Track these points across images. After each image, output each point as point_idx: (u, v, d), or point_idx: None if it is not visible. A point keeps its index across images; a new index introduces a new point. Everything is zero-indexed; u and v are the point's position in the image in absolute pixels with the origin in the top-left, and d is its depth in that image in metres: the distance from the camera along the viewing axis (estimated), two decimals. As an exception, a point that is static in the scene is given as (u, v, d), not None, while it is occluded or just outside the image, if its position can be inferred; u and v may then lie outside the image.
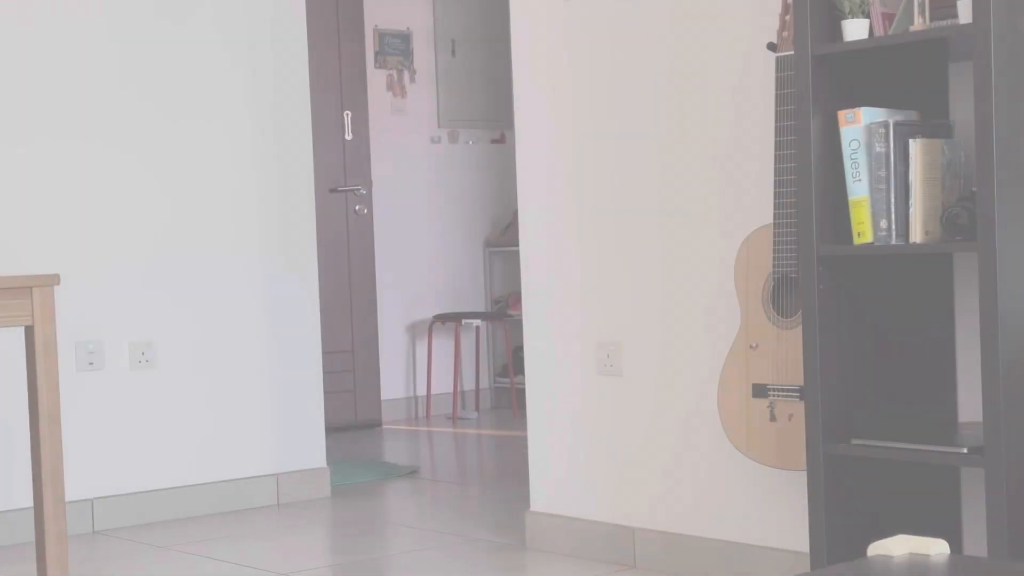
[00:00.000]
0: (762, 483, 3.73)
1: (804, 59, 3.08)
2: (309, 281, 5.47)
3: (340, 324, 7.46)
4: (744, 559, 3.77)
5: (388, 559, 4.33)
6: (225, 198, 5.26)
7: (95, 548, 4.65)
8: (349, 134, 7.48)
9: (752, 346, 3.47)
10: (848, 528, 3.14)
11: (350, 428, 7.43)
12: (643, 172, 4.00)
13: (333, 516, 5.09)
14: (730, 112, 3.77)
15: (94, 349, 4.95)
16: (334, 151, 7.46)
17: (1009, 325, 2.82)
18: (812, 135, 3.07)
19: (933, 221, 2.98)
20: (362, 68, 7.61)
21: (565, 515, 4.26)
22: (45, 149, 4.87)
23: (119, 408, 5.02)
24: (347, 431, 7.38)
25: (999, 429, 2.81)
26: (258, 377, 5.33)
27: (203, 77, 5.20)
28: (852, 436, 3.09)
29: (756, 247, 3.48)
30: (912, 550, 1.80)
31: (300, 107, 5.45)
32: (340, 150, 7.49)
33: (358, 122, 7.56)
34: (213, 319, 5.23)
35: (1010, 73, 2.83)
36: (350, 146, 7.52)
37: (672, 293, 3.94)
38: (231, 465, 5.25)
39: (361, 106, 7.59)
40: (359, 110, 7.58)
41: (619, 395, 4.10)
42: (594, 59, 4.11)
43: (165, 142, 5.12)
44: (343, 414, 7.42)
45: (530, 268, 4.36)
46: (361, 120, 7.58)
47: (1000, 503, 2.80)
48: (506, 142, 8.34)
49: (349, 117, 7.48)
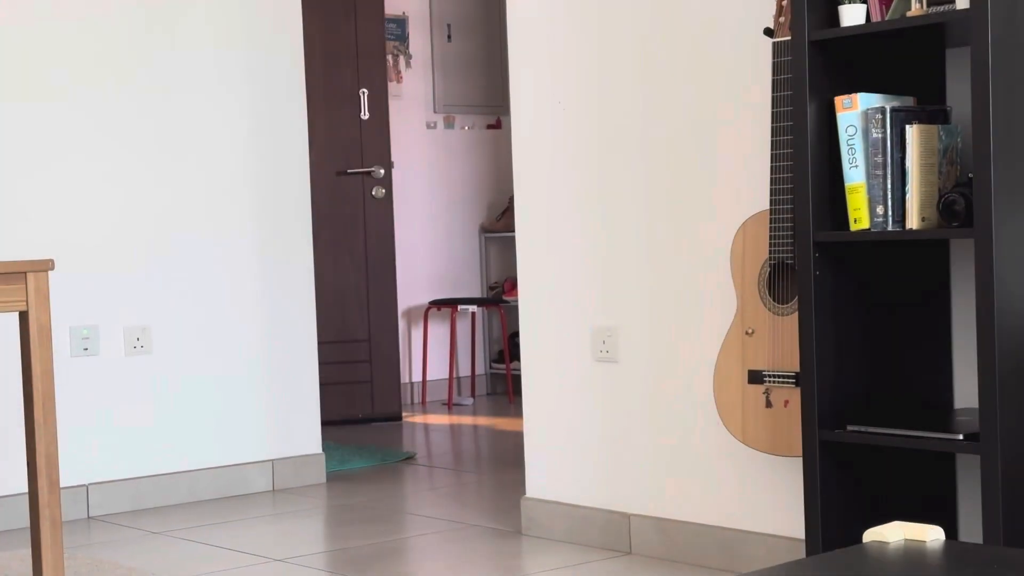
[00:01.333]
0: (758, 469, 3.73)
1: (801, 44, 3.08)
2: (304, 266, 5.46)
3: (355, 312, 7.13)
4: (739, 545, 3.77)
5: (383, 545, 4.33)
6: (220, 183, 5.24)
7: (90, 534, 4.65)
8: (365, 113, 7.14)
9: (748, 332, 3.47)
10: (843, 514, 3.14)
11: (367, 421, 7.08)
12: (640, 158, 3.99)
13: (328, 502, 5.09)
14: (727, 98, 3.76)
15: (89, 335, 4.95)
16: (351, 131, 7.12)
17: (1005, 312, 2.82)
18: (809, 121, 3.07)
19: (929, 207, 2.98)
20: (380, 45, 7.21)
21: (561, 501, 4.26)
22: (39, 134, 4.86)
23: (114, 394, 5.01)
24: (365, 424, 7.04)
25: (995, 416, 2.80)
26: (253, 363, 5.32)
27: (197, 60, 5.19)
28: (848, 422, 3.09)
29: (752, 233, 3.48)
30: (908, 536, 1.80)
31: (295, 89, 5.43)
32: (356, 129, 7.13)
33: (375, 101, 7.17)
34: (208, 305, 5.22)
35: (1007, 59, 2.82)
36: (366, 126, 7.16)
37: (668, 279, 3.94)
38: (226, 451, 5.25)
39: (380, 84, 7.19)
40: (377, 88, 7.18)
41: (615, 381, 4.09)
42: (590, 45, 4.10)
43: (159, 127, 5.11)
44: (359, 406, 7.08)
45: (526, 254, 4.35)
46: (379, 99, 7.19)
47: (995, 489, 2.80)
48: (502, 128, 8.33)
49: (365, 96, 7.14)
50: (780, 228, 3.34)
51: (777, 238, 3.35)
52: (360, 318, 7.17)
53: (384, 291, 7.24)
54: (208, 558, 4.22)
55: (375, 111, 7.19)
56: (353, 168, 7.16)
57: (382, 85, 7.23)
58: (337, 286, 7.08)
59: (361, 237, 7.18)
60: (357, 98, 7.14)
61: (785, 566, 1.76)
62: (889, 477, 3.22)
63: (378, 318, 7.22)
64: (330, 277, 7.04)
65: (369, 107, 7.17)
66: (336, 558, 4.21)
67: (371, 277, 7.20)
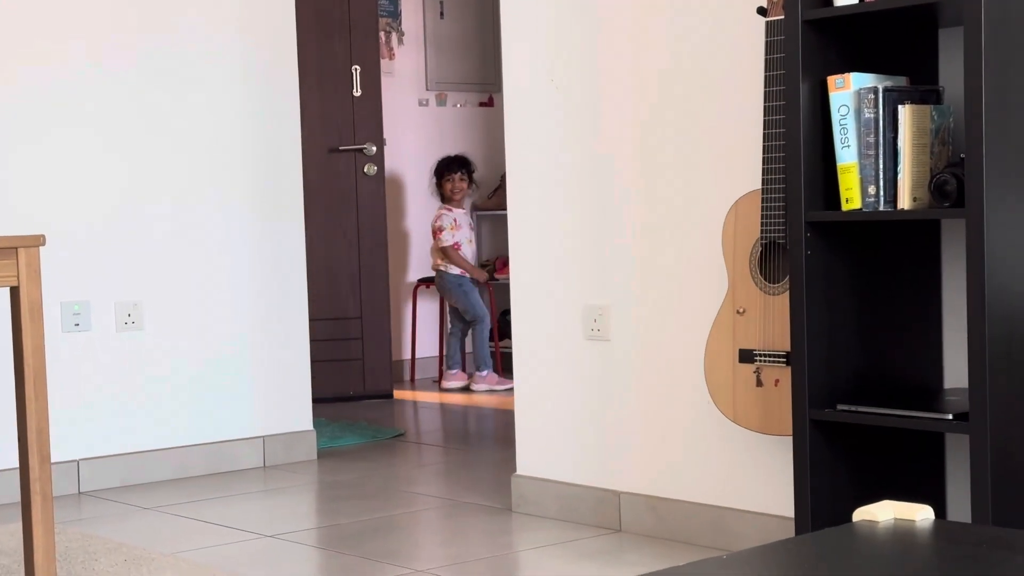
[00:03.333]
0: (748, 448, 3.74)
1: (794, 23, 3.07)
2: (296, 243, 5.45)
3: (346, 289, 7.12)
4: (729, 524, 3.78)
5: (374, 522, 4.33)
6: (213, 159, 5.23)
7: (81, 509, 4.65)
8: (358, 90, 7.10)
9: (739, 312, 3.48)
10: (833, 493, 3.15)
11: (358, 398, 7.07)
12: (631, 136, 3.99)
13: (319, 479, 5.10)
14: (719, 76, 3.75)
15: (80, 310, 4.94)
16: (343, 108, 7.09)
17: (995, 292, 2.83)
18: (802, 100, 3.07)
19: (921, 188, 2.98)
20: (373, 22, 7.18)
21: (551, 479, 4.27)
22: (28, 109, 4.84)
23: (105, 369, 5.01)
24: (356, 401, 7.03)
25: (984, 396, 2.81)
26: (245, 339, 5.32)
27: (190, 36, 5.17)
28: (838, 402, 3.10)
29: (744, 213, 3.48)
30: (897, 515, 1.80)
31: (288, 65, 5.42)
32: (349, 107, 7.11)
33: (368, 79, 7.13)
34: (200, 281, 5.21)
35: (1000, 39, 2.82)
36: (359, 103, 7.13)
37: (660, 258, 3.94)
38: (217, 427, 5.25)
39: (372, 61, 7.15)
40: (370, 65, 7.15)
41: (606, 360, 4.10)
42: (583, 22, 4.09)
43: (152, 104, 5.09)
44: (351, 384, 7.09)
45: (517, 232, 4.35)
46: (371, 76, 7.14)
47: (984, 469, 2.81)
48: (494, 105, 8.32)
49: (358, 72, 7.11)
50: (772, 208, 3.34)
51: (769, 218, 3.35)
52: (352, 296, 7.15)
53: (375, 269, 7.23)
54: (198, 534, 4.22)
55: (367, 88, 7.16)
56: (346, 145, 7.13)
57: (375, 62, 7.19)
58: (328, 263, 7.06)
59: (353, 214, 7.16)
60: (350, 75, 7.11)
61: (774, 545, 1.76)
62: (879, 456, 3.23)
63: (369, 296, 7.20)
64: (321, 254, 7.02)
65: (361, 84, 7.14)
66: (326, 534, 4.22)
67: (363, 254, 7.18)
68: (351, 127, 7.14)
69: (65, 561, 3.82)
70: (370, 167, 7.17)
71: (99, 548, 3.98)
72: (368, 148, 7.15)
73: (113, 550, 3.95)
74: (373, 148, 7.16)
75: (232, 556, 3.93)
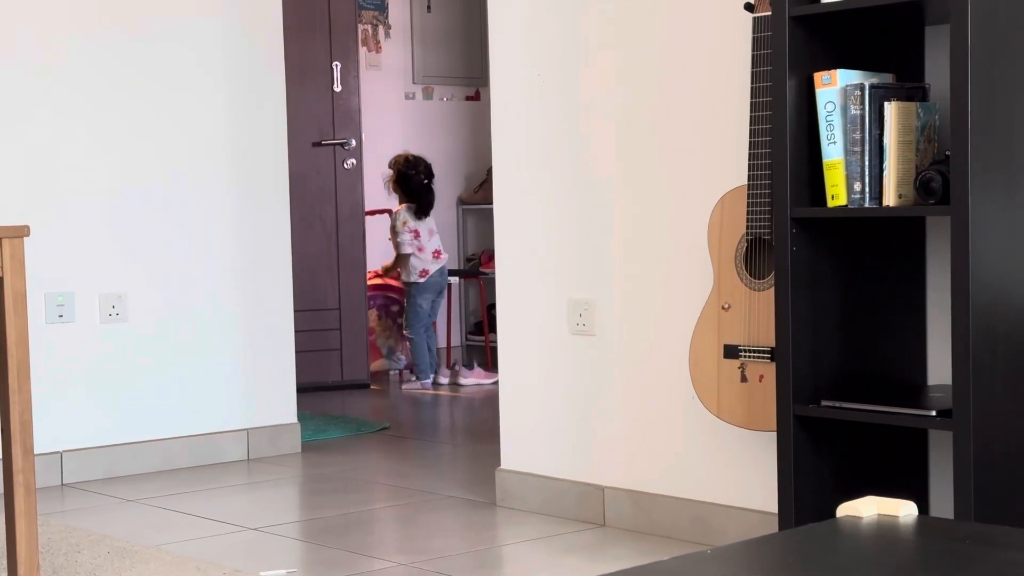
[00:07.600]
0: (732, 443, 3.75)
1: (781, 20, 3.08)
2: (281, 235, 5.45)
3: (326, 281, 7.22)
4: (713, 519, 3.79)
5: (358, 515, 4.33)
6: (198, 152, 5.22)
7: (64, 501, 4.64)
8: (338, 86, 7.17)
9: (724, 307, 3.48)
10: (817, 489, 3.15)
11: (334, 388, 7.18)
12: (617, 131, 3.99)
13: (304, 472, 5.09)
14: (706, 72, 3.76)
15: (64, 302, 4.93)
16: (322, 104, 7.18)
17: (980, 289, 2.84)
18: (788, 97, 3.07)
19: (907, 184, 2.99)
20: (352, 17, 7.24)
21: (535, 473, 4.27)
22: (10, 99, 4.83)
23: (89, 361, 5.00)
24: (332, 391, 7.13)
25: (967, 393, 2.82)
26: (229, 331, 5.31)
27: (175, 28, 5.16)
28: (822, 397, 3.10)
29: (730, 208, 3.48)
30: (881, 511, 1.81)
31: (274, 59, 5.41)
32: (328, 102, 7.20)
33: (347, 74, 7.23)
34: (184, 273, 5.21)
35: (986, 37, 2.83)
36: (339, 98, 7.21)
37: (646, 253, 3.94)
38: (201, 419, 5.24)
39: (352, 57, 7.23)
40: (349, 61, 7.23)
41: (591, 354, 4.10)
42: (569, 19, 4.09)
43: (137, 95, 5.08)
44: (330, 373, 7.19)
45: (503, 226, 4.35)
46: (351, 72, 7.23)
47: (967, 465, 2.82)
48: (481, 99, 8.31)
49: (338, 68, 7.16)
50: (758, 203, 3.34)
51: (755, 213, 3.35)
52: (331, 287, 7.26)
53: (353, 261, 7.35)
54: (182, 526, 4.22)
55: (347, 84, 7.23)
56: (327, 140, 7.21)
57: (354, 58, 7.26)
58: (307, 254, 7.12)
59: (332, 207, 7.26)
60: (330, 71, 7.15)
61: (758, 540, 1.77)
62: (862, 452, 3.23)
63: (347, 288, 7.32)
64: (301, 246, 7.05)
65: (341, 80, 7.20)
66: (310, 527, 4.22)
67: (341, 247, 7.30)
68: (331, 122, 7.23)
69: (48, 553, 3.82)
70: (349, 161, 7.26)
71: (82, 540, 3.98)
72: (348, 143, 7.24)
73: (96, 542, 3.95)
74: (353, 142, 7.25)
75: (216, 548, 3.93)
